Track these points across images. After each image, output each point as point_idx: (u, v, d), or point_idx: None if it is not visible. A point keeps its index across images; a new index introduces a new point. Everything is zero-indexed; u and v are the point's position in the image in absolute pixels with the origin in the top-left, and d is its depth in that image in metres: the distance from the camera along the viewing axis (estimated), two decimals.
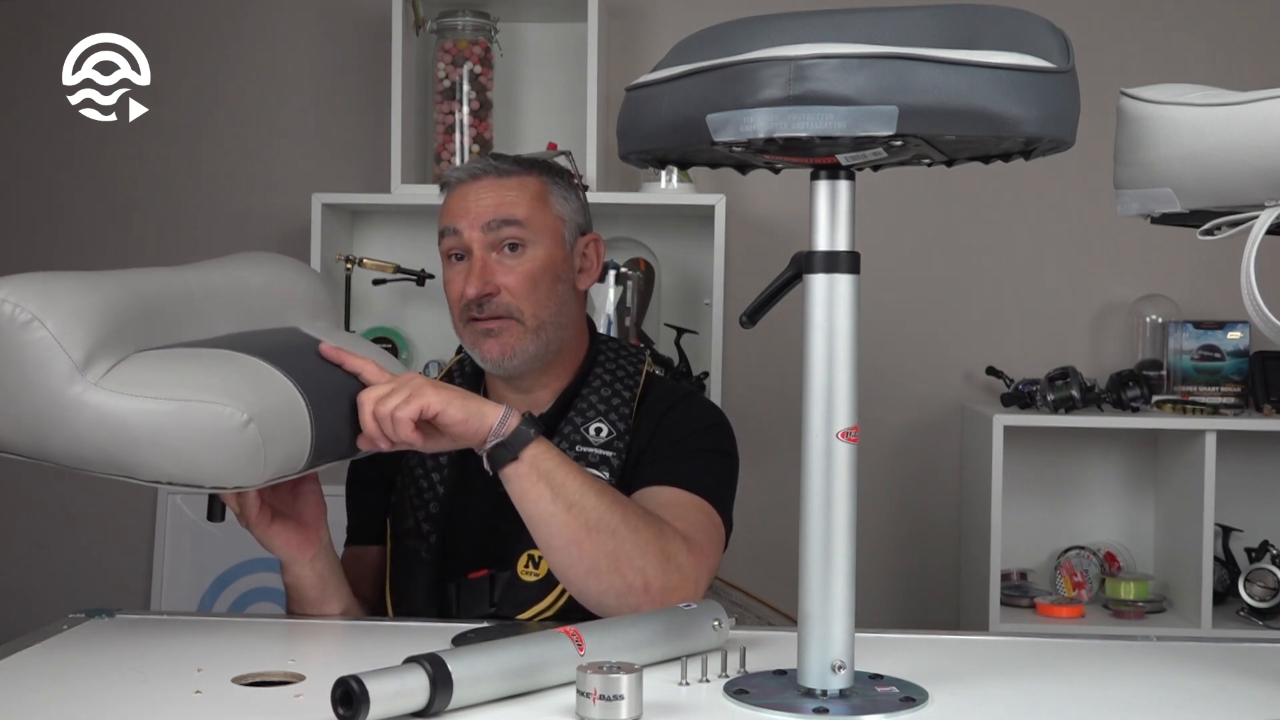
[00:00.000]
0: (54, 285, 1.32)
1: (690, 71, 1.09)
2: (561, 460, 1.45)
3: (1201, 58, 2.81)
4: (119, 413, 1.29)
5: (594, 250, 1.73)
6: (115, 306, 1.34)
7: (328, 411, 1.42)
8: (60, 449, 1.31)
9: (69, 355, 1.28)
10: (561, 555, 1.44)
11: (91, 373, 1.29)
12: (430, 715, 1.09)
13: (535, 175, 1.68)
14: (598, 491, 1.44)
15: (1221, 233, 1.21)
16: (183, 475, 1.32)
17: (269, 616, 2.21)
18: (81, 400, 1.29)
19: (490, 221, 1.63)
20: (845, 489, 1.16)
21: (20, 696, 1.20)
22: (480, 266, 1.63)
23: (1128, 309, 2.81)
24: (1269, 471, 2.77)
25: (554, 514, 1.42)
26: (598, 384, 1.68)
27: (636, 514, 1.46)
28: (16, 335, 1.28)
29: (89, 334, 1.30)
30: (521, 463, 1.42)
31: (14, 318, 1.28)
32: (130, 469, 1.32)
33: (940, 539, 2.86)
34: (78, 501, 2.94)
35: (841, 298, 1.16)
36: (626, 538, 1.43)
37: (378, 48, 2.75)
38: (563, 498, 1.42)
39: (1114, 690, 1.27)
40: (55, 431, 1.30)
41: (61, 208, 2.95)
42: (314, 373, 1.44)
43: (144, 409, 1.29)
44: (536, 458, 1.43)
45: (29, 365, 1.28)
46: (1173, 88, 1.23)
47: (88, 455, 1.31)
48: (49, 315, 1.28)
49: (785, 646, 1.28)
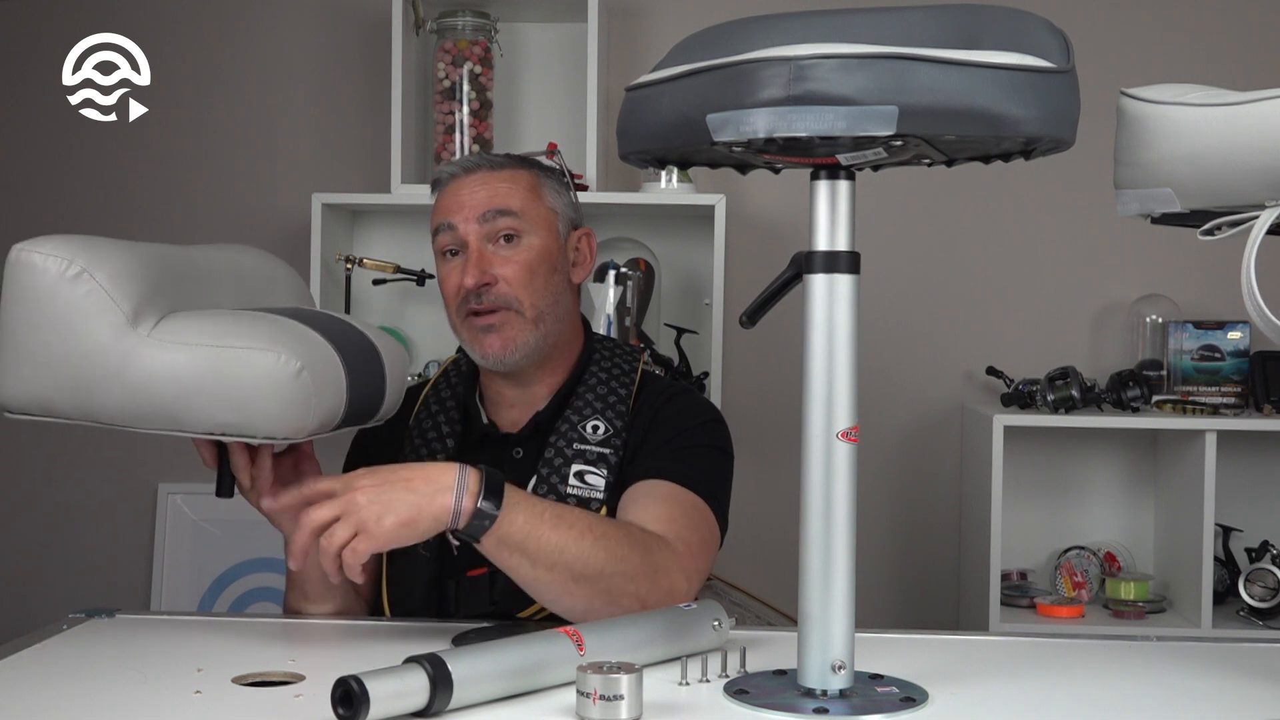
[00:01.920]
0: (94, 243, 1.34)
1: (690, 71, 1.09)
2: (531, 521, 1.37)
3: (1201, 58, 2.81)
4: (174, 362, 1.30)
5: (586, 244, 1.74)
6: (149, 267, 1.36)
7: (359, 371, 1.45)
8: (109, 405, 1.31)
9: (120, 307, 1.29)
10: (555, 605, 1.42)
11: (141, 326, 1.30)
12: (430, 715, 1.09)
13: (526, 169, 1.69)
14: (576, 538, 1.39)
15: (1221, 233, 1.21)
16: (236, 424, 1.33)
17: (269, 616, 2.21)
18: (135, 351, 1.30)
19: (485, 212, 1.63)
20: (845, 489, 1.16)
21: (20, 696, 1.20)
22: (477, 257, 1.63)
23: (1128, 309, 2.81)
24: (1269, 471, 2.77)
25: (536, 577, 1.39)
26: (594, 382, 1.68)
27: (620, 541, 1.43)
28: (67, 289, 1.28)
29: (135, 288, 1.31)
30: (485, 545, 1.37)
31: (64, 272, 1.29)
32: (182, 421, 1.32)
33: (940, 539, 2.86)
34: (78, 501, 2.94)
35: (841, 298, 1.16)
36: (615, 572, 1.40)
37: (378, 48, 2.75)
38: (541, 561, 1.38)
39: (1114, 690, 1.27)
40: (106, 386, 1.30)
41: (61, 208, 2.95)
42: (340, 335, 1.46)
43: (199, 357, 1.31)
44: (503, 537, 1.36)
45: (80, 318, 1.29)
46: (1173, 88, 1.23)
47: (138, 409, 1.32)
48: (98, 269, 1.30)
49: (785, 646, 1.28)
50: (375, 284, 2.73)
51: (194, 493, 2.85)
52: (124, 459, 2.88)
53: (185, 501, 2.86)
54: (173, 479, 2.86)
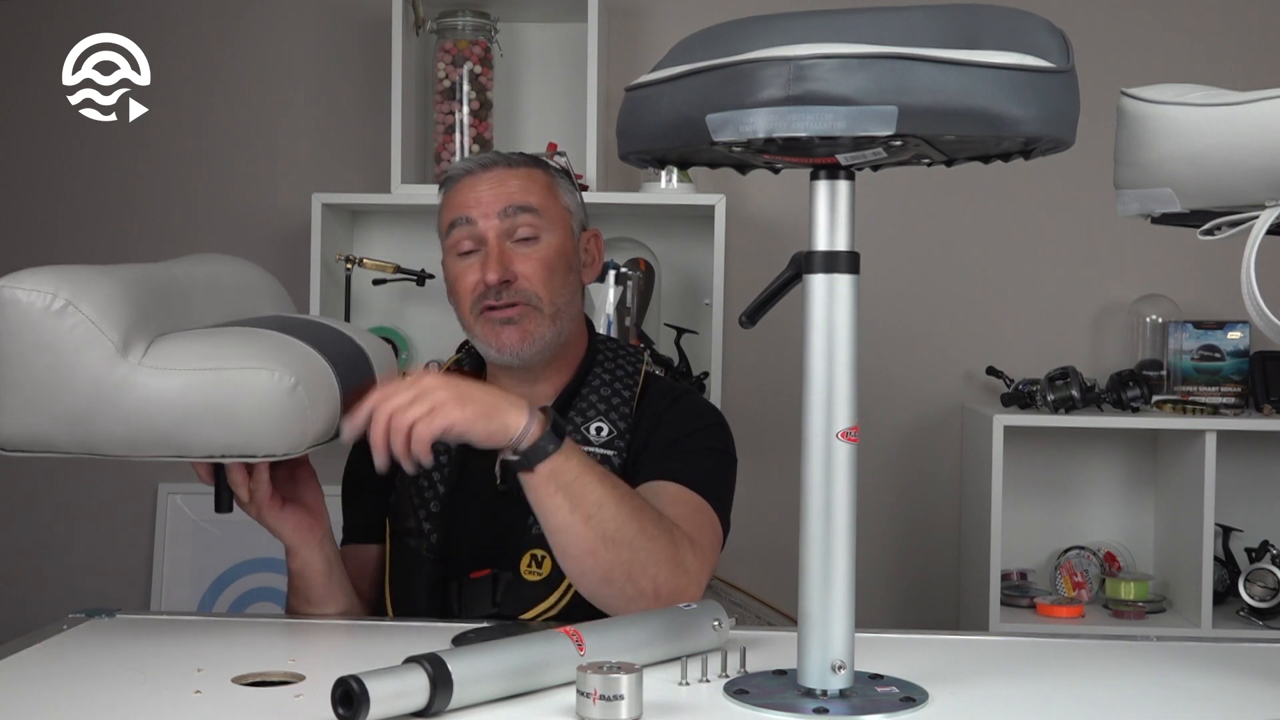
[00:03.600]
0: (76, 274, 1.32)
1: (690, 71, 1.09)
2: (583, 469, 1.41)
3: (1201, 58, 2.81)
4: (168, 388, 1.29)
5: (595, 245, 1.75)
6: (133, 292, 1.35)
7: (351, 379, 1.44)
8: (107, 436, 1.31)
9: (108, 337, 1.28)
10: (576, 564, 1.43)
11: (132, 354, 1.29)
12: (430, 715, 1.09)
13: (540, 169, 1.70)
14: (617, 500, 1.41)
15: (1221, 233, 1.21)
16: (236, 445, 1.33)
17: (269, 616, 2.21)
18: (129, 381, 1.28)
19: (506, 208, 1.63)
20: (845, 489, 1.16)
21: (20, 696, 1.20)
22: (499, 253, 1.62)
23: (1128, 309, 2.81)
24: (1269, 471, 2.77)
25: (571, 524, 1.40)
26: (597, 383, 1.68)
27: (653, 521, 1.45)
28: (53, 323, 1.27)
29: (122, 317, 1.30)
30: (538, 474, 1.38)
31: (48, 306, 1.27)
32: (182, 446, 1.32)
33: (940, 539, 2.86)
34: (78, 501, 2.94)
35: (841, 298, 1.16)
36: (642, 547, 1.42)
37: (378, 48, 2.76)
38: (580, 509, 1.39)
39: (1114, 690, 1.27)
40: (102, 418, 1.29)
41: (61, 208, 2.95)
42: (329, 344, 1.46)
43: (193, 381, 1.30)
44: (556, 470, 1.38)
45: (69, 352, 1.27)
46: (1173, 88, 1.23)
47: (137, 438, 1.31)
48: (82, 300, 1.28)
49: (785, 646, 1.28)
50: (375, 284, 2.73)
51: (194, 493, 2.85)
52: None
53: (185, 501, 2.86)
54: (173, 479, 2.86)
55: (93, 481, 2.93)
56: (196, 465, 1.45)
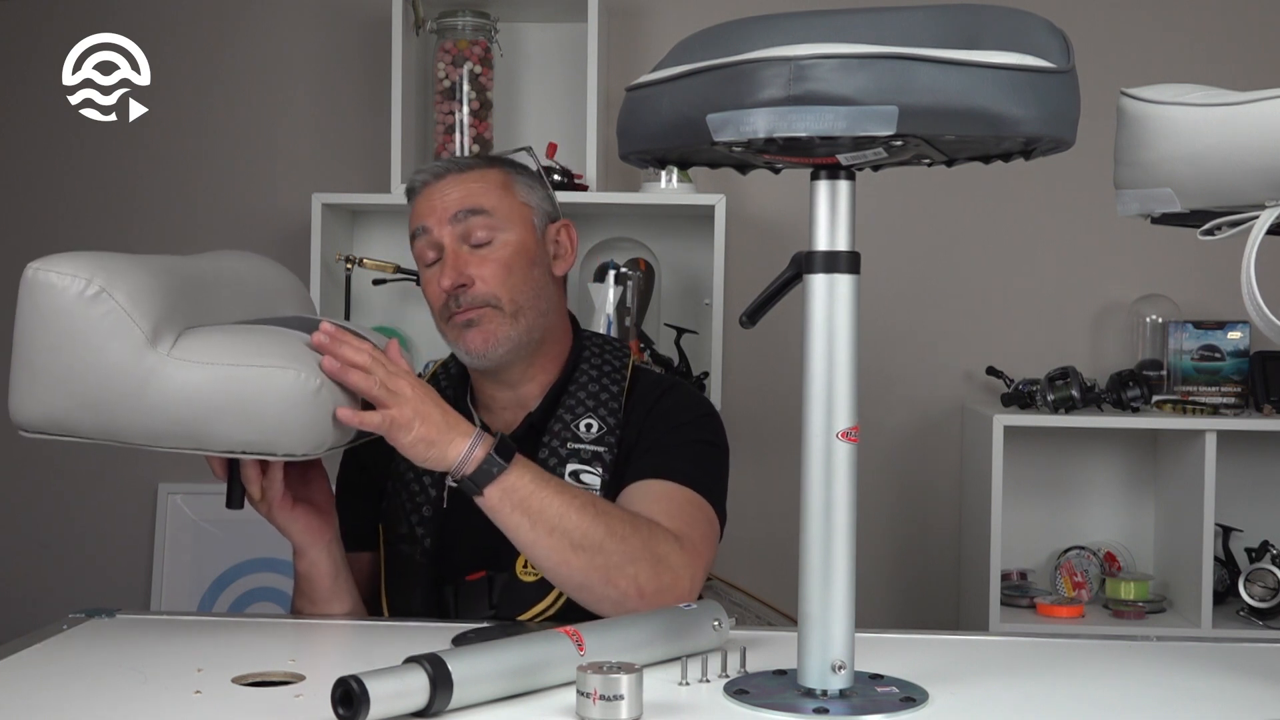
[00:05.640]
0: (110, 261, 1.33)
1: (690, 72, 1.09)
2: (538, 483, 1.44)
3: (1201, 58, 2.81)
4: (195, 381, 1.30)
5: (566, 236, 1.74)
6: (164, 283, 1.35)
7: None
8: (129, 424, 1.31)
9: (139, 327, 1.28)
10: (552, 574, 1.46)
11: (161, 345, 1.30)
12: (430, 715, 1.09)
13: (497, 168, 1.70)
14: (579, 508, 1.44)
15: (1221, 233, 1.21)
16: (257, 442, 1.33)
17: (269, 616, 2.21)
18: (157, 371, 1.29)
19: (457, 213, 1.64)
20: (845, 489, 1.16)
21: (20, 696, 1.20)
22: (453, 259, 1.63)
23: (1128, 309, 2.81)
24: (1269, 471, 2.77)
25: (536, 539, 1.43)
26: (585, 379, 1.68)
27: (623, 522, 1.46)
28: (86, 309, 1.27)
29: (153, 307, 1.31)
30: (488, 497, 1.42)
31: (83, 292, 1.28)
32: (203, 439, 1.32)
33: (940, 539, 2.86)
34: (78, 501, 2.94)
35: (841, 298, 1.16)
36: (614, 550, 1.43)
37: (378, 48, 2.75)
38: (542, 523, 1.42)
39: (1114, 690, 1.27)
40: (127, 406, 1.29)
41: (61, 208, 2.95)
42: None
43: (220, 376, 1.30)
44: (507, 490, 1.42)
45: (100, 339, 1.28)
46: (1173, 88, 1.23)
47: (159, 428, 1.31)
48: (116, 288, 1.29)
49: (785, 646, 1.28)
50: (375, 284, 2.72)
51: (194, 493, 2.85)
52: (124, 459, 2.88)
53: (185, 501, 2.86)
54: (173, 479, 2.86)
55: (93, 481, 2.93)
56: (212, 460, 1.45)
